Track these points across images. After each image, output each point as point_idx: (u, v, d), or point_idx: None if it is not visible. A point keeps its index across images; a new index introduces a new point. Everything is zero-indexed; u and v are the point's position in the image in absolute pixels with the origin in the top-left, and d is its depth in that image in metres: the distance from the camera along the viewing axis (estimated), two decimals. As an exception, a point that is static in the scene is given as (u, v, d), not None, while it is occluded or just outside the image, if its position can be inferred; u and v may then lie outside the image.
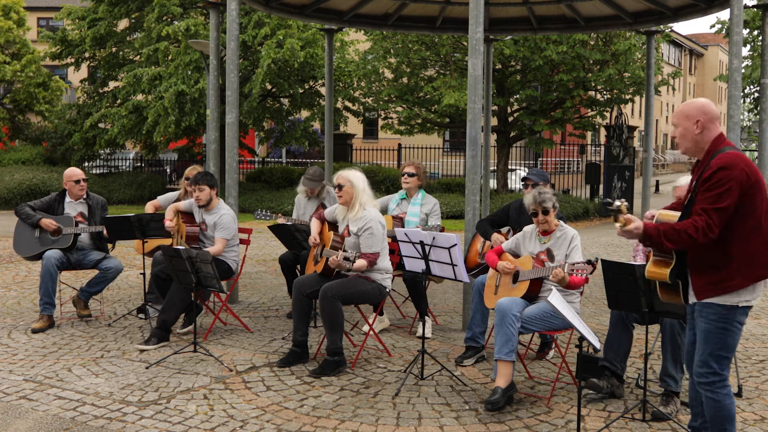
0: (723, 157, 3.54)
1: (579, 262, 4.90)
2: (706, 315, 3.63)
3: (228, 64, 7.73)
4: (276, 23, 18.35)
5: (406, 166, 7.01)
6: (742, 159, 3.55)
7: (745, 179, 3.50)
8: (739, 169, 3.50)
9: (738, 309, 3.59)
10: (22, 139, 24.94)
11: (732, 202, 3.49)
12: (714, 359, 3.62)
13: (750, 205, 3.53)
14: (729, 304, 3.57)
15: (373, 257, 5.61)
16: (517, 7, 10.90)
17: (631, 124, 21.36)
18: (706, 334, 3.63)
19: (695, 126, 3.67)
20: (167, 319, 6.16)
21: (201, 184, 6.51)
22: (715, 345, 3.61)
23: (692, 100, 3.78)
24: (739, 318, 3.61)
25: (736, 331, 3.62)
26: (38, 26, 37.47)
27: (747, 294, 3.57)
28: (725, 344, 3.61)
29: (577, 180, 24.55)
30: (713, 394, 3.64)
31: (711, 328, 3.61)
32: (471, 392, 5.14)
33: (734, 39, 7.75)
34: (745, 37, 24.54)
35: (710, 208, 3.49)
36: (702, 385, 3.67)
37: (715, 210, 3.48)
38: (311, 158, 30.30)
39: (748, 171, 3.52)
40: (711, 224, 3.48)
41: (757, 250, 3.54)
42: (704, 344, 3.64)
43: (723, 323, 3.59)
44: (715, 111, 3.71)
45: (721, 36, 28.07)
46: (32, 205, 6.95)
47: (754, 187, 3.52)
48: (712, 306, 3.60)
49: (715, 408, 3.65)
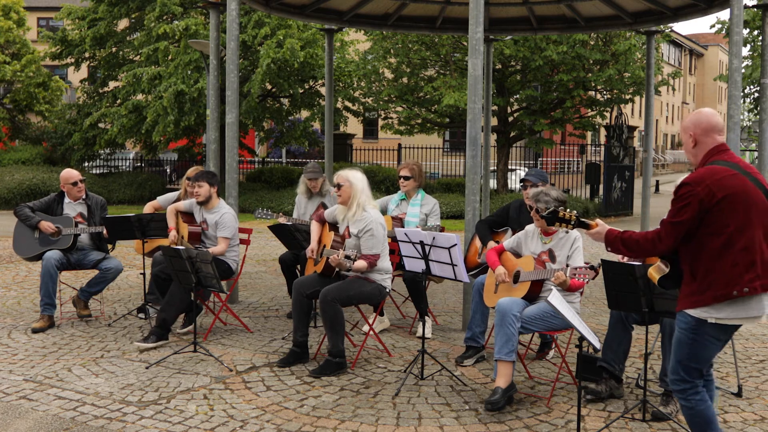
0: (693, 173, 3.54)
1: (582, 266, 4.90)
2: (678, 323, 3.63)
3: (228, 64, 7.73)
4: (276, 23, 18.35)
5: (401, 169, 7.02)
6: (711, 175, 3.46)
7: (708, 196, 3.42)
8: (704, 185, 3.43)
9: (707, 324, 3.50)
10: (22, 139, 24.94)
11: (688, 217, 3.45)
12: (683, 368, 3.60)
13: (719, 222, 3.44)
14: (699, 317, 3.52)
15: (374, 258, 5.61)
16: (517, 7, 10.90)
17: (631, 124, 21.37)
18: (677, 342, 3.63)
19: (690, 139, 3.66)
20: (167, 317, 6.16)
21: (200, 181, 6.55)
22: (684, 354, 3.59)
23: (694, 112, 3.73)
24: (710, 332, 3.52)
25: (708, 344, 3.54)
26: (38, 26, 37.48)
27: (715, 311, 3.47)
28: (694, 355, 3.56)
29: (577, 180, 24.55)
30: (686, 401, 3.62)
31: (681, 337, 3.59)
32: (471, 392, 5.14)
33: (734, 39, 7.75)
34: (745, 37, 24.53)
35: (666, 221, 3.54)
36: (675, 392, 3.67)
37: (670, 223, 3.52)
38: (311, 158, 30.28)
39: (715, 188, 3.42)
40: (662, 235, 3.53)
41: (724, 269, 3.44)
42: (675, 352, 3.64)
43: (692, 334, 3.54)
44: (710, 121, 3.61)
45: (721, 36, 28.06)
46: (31, 206, 6.95)
47: (722, 203, 3.42)
48: (684, 315, 3.59)
49: (690, 415, 3.64)
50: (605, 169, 19.92)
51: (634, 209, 20.68)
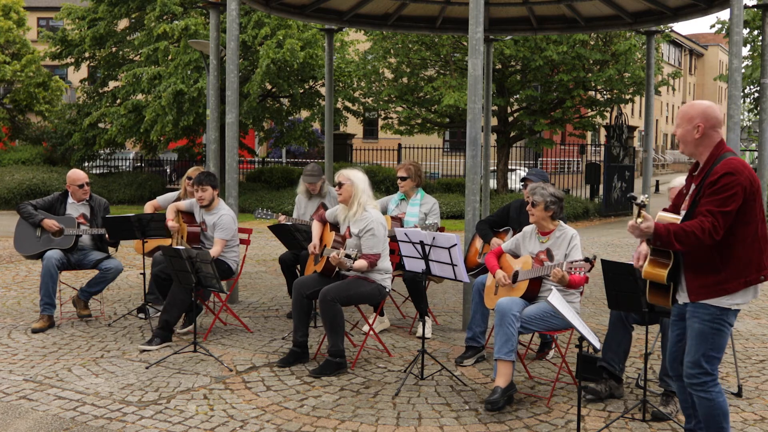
0: (728, 163, 3.58)
1: (577, 260, 4.91)
2: (699, 315, 3.65)
3: (228, 64, 7.73)
4: (276, 23, 18.35)
5: (398, 169, 7.02)
6: (745, 166, 3.62)
7: (749, 186, 3.58)
8: (744, 175, 3.57)
9: (730, 311, 3.65)
10: (22, 139, 24.94)
11: (736, 206, 3.55)
12: (705, 360, 3.65)
13: (751, 212, 3.60)
14: (722, 306, 3.62)
15: (374, 258, 5.61)
16: (517, 7, 10.90)
17: (631, 124, 21.37)
18: (699, 334, 3.65)
19: (695, 130, 3.68)
20: (169, 319, 6.16)
21: (204, 185, 6.51)
22: (708, 346, 3.64)
23: (696, 102, 3.76)
24: (730, 320, 3.67)
25: (727, 331, 3.68)
26: (38, 26, 37.47)
27: (739, 297, 3.63)
28: (717, 345, 3.65)
29: (577, 180, 24.55)
30: (706, 393, 3.65)
31: (705, 328, 3.63)
32: (471, 392, 5.14)
33: (734, 39, 7.75)
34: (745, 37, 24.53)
35: (717, 211, 3.54)
36: (694, 386, 3.68)
37: (722, 213, 3.54)
38: (311, 158, 30.28)
39: (752, 178, 3.60)
40: (717, 226, 3.53)
41: (753, 255, 3.61)
42: (697, 345, 3.66)
43: (717, 324, 3.63)
44: (719, 116, 3.71)
45: (721, 36, 28.06)
46: (34, 204, 6.95)
47: (755, 194, 3.61)
48: (706, 307, 3.63)
49: (709, 407, 3.66)
50: (605, 169, 19.92)
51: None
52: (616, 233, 15.99)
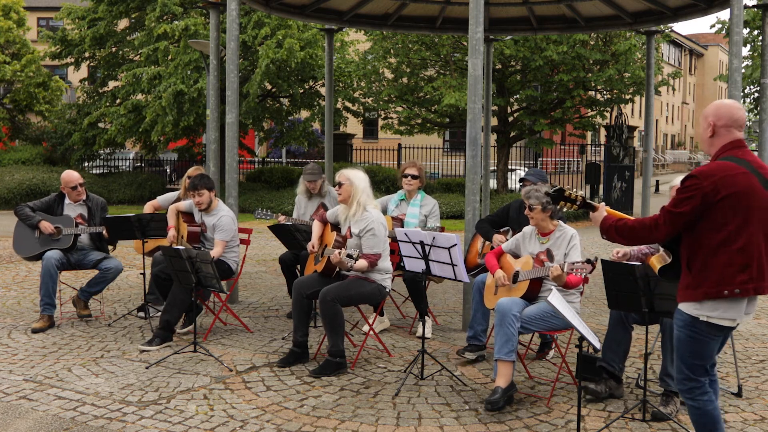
0: (702, 167, 3.51)
1: (578, 261, 4.91)
2: (677, 321, 3.61)
3: (228, 64, 7.74)
4: (276, 23, 18.35)
5: (408, 167, 6.96)
6: (720, 171, 3.42)
7: (713, 192, 3.39)
8: (711, 180, 3.40)
9: (699, 321, 3.48)
10: (22, 139, 24.93)
11: (689, 209, 3.43)
12: (686, 366, 3.58)
13: (719, 219, 3.41)
14: (692, 314, 3.50)
15: (375, 258, 5.62)
16: (517, 7, 10.90)
17: (631, 124, 21.38)
18: (677, 340, 3.62)
19: (708, 128, 3.59)
20: (170, 319, 6.16)
21: (200, 189, 6.50)
22: (685, 353, 3.58)
23: (717, 102, 3.64)
24: (705, 329, 3.49)
25: (706, 341, 3.52)
26: (38, 26, 37.46)
27: (706, 309, 3.45)
28: (695, 352, 3.55)
29: (577, 180, 24.55)
30: (693, 401, 3.60)
31: (680, 334, 3.59)
32: (471, 392, 5.14)
33: (734, 39, 7.75)
34: (745, 37, 24.54)
35: (666, 208, 3.52)
36: (682, 392, 3.65)
37: (670, 211, 3.50)
38: (311, 158, 30.28)
39: (720, 185, 3.39)
40: (659, 222, 3.51)
41: (717, 267, 3.42)
42: (677, 351, 3.63)
43: (689, 331, 3.53)
44: (734, 116, 3.53)
45: (721, 36, 28.07)
46: (32, 206, 6.95)
47: (725, 201, 3.38)
48: (681, 312, 3.58)
49: (697, 415, 3.61)
50: (605, 169, 19.93)
51: (634, 209, 20.67)
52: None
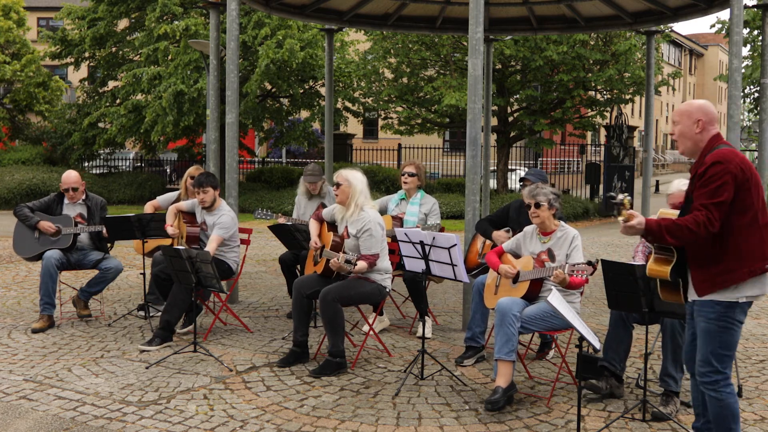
0: (717, 153, 3.58)
1: (579, 263, 4.91)
2: (705, 314, 3.62)
3: (228, 64, 7.74)
4: (276, 24, 18.35)
5: (406, 165, 7.01)
6: (736, 154, 3.59)
7: (740, 174, 3.54)
8: (734, 163, 3.54)
9: (737, 306, 3.58)
10: (22, 139, 24.93)
11: (729, 195, 3.52)
12: (715, 358, 3.61)
13: (747, 200, 3.56)
14: (728, 300, 3.57)
15: (373, 258, 5.62)
16: (517, 7, 10.90)
17: (631, 124, 21.36)
18: (706, 333, 3.62)
19: (696, 126, 3.71)
20: (170, 319, 6.15)
21: (205, 186, 6.50)
22: (716, 344, 3.60)
23: (692, 101, 3.83)
24: (738, 316, 3.60)
25: (736, 329, 3.62)
26: (38, 26, 37.45)
27: (747, 289, 3.57)
28: (726, 343, 3.61)
29: (577, 180, 24.54)
30: (717, 393, 3.62)
31: (711, 327, 3.61)
32: (471, 392, 5.14)
33: (734, 39, 7.75)
34: (745, 37, 24.53)
35: (709, 203, 3.51)
36: (705, 384, 3.65)
37: (714, 204, 3.51)
38: (311, 158, 30.28)
39: (743, 166, 3.56)
40: (711, 218, 3.50)
41: (754, 245, 3.56)
42: (705, 343, 3.63)
43: (723, 321, 3.58)
44: (715, 113, 3.76)
45: (721, 36, 28.06)
46: (31, 206, 6.94)
47: (749, 182, 3.56)
48: (711, 304, 3.59)
49: (719, 407, 3.63)
50: (605, 169, 19.91)
51: (634, 209, 20.64)
52: (616, 233, 15.98)
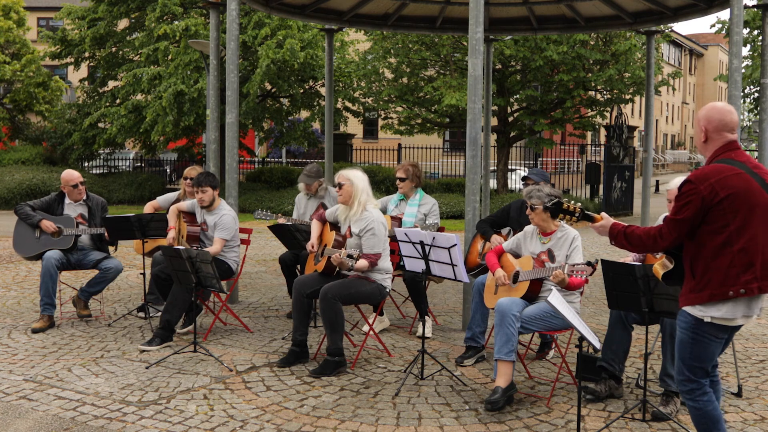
0: (696, 171, 3.53)
1: (579, 263, 4.91)
2: (680, 323, 3.63)
3: (228, 64, 7.74)
4: (276, 24, 18.35)
5: (397, 170, 7.02)
6: (715, 174, 3.44)
7: (711, 195, 3.41)
8: (707, 183, 3.42)
9: (703, 322, 3.50)
10: (22, 139, 24.92)
11: (690, 215, 3.46)
12: (687, 369, 3.60)
13: (720, 221, 3.43)
14: (697, 315, 3.52)
15: (375, 258, 5.62)
16: (517, 7, 10.90)
17: (631, 124, 21.37)
18: (679, 342, 3.63)
19: (701, 134, 3.64)
20: (170, 319, 6.16)
21: (204, 186, 6.50)
22: (686, 354, 3.59)
23: (708, 105, 3.67)
24: (709, 330, 3.51)
25: (709, 342, 3.54)
26: (38, 26, 37.45)
27: (711, 310, 3.47)
28: (696, 354, 3.57)
29: (577, 180, 24.55)
30: (694, 402, 3.62)
31: (683, 336, 3.60)
32: (471, 392, 5.14)
33: (734, 39, 7.75)
34: (745, 37, 24.53)
35: (669, 218, 3.57)
36: (682, 393, 3.67)
37: (672, 220, 3.53)
38: (311, 158, 30.29)
39: (718, 187, 3.41)
40: (663, 233, 3.55)
41: (721, 269, 3.43)
42: (678, 352, 3.64)
43: (692, 333, 3.55)
44: (724, 120, 3.55)
45: (721, 36, 28.06)
46: (32, 205, 6.95)
47: (724, 203, 3.40)
48: (684, 314, 3.59)
49: (698, 416, 3.63)
50: (605, 169, 19.92)
51: (634, 209, 20.68)
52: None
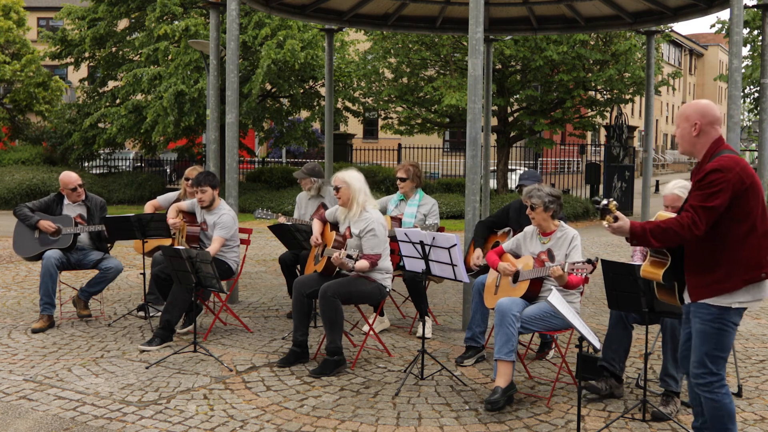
0: (719, 160, 3.57)
1: (579, 261, 4.91)
2: (700, 315, 3.64)
3: (228, 64, 7.74)
4: (276, 24, 18.36)
5: (397, 170, 7.01)
6: (737, 163, 3.56)
7: (739, 183, 3.52)
8: (734, 172, 3.52)
9: (731, 310, 3.59)
10: (22, 139, 24.92)
11: (721, 203, 3.51)
12: (710, 360, 3.62)
13: (745, 208, 3.54)
14: (722, 305, 3.58)
15: (375, 258, 5.62)
16: (517, 7, 10.90)
17: (631, 124, 21.38)
18: (701, 334, 3.64)
19: (693, 128, 3.70)
20: (170, 319, 6.15)
21: (203, 186, 6.50)
22: (710, 345, 3.62)
23: (693, 102, 3.79)
24: (733, 318, 3.61)
25: (731, 331, 3.63)
26: (38, 26, 37.45)
27: (740, 296, 3.58)
28: (720, 344, 3.62)
29: (577, 180, 24.55)
30: (712, 394, 3.64)
31: (706, 328, 3.62)
32: (471, 392, 5.14)
33: (734, 39, 7.75)
34: (745, 37, 24.53)
35: (698, 206, 3.53)
36: (700, 386, 3.67)
37: (703, 208, 3.51)
38: (311, 158, 30.28)
39: (743, 174, 3.54)
40: (696, 221, 3.51)
41: (751, 253, 3.55)
42: (700, 345, 3.65)
43: (718, 323, 3.60)
44: (716, 113, 3.70)
45: (721, 36, 28.07)
46: (31, 206, 6.94)
47: (748, 190, 3.54)
48: (706, 306, 3.61)
49: (714, 408, 3.64)
50: (605, 169, 19.93)
51: (634, 209, 20.68)
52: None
